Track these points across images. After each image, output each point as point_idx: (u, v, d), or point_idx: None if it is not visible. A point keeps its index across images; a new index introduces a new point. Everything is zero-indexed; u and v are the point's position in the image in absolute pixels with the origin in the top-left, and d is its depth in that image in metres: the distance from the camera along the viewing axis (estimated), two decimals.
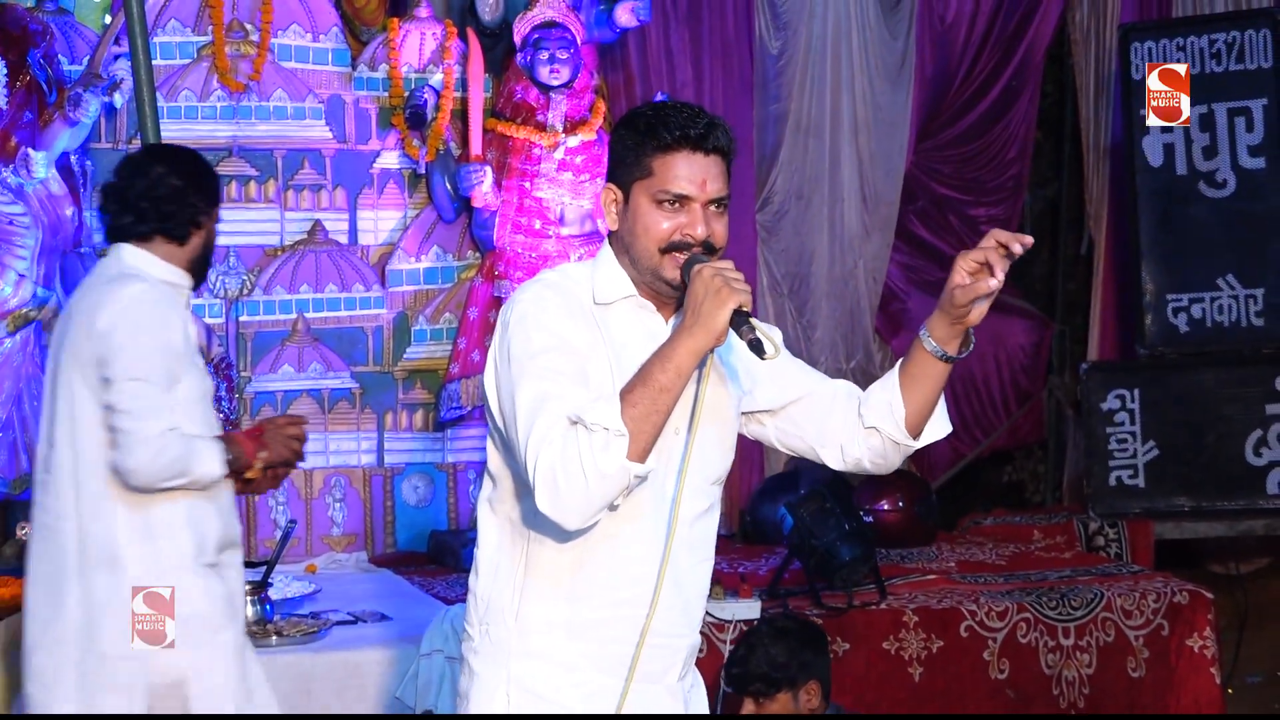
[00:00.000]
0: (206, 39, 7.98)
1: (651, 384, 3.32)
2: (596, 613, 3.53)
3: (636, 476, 3.31)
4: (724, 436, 3.70)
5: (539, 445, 3.31)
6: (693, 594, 3.68)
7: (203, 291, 7.78)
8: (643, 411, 3.30)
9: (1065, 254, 10.52)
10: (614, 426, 3.27)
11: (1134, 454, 8.77)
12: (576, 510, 3.31)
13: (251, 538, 7.86)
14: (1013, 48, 9.98)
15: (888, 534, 8.16)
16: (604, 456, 3.26)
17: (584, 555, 3.51)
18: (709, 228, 3.51)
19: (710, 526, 3.73)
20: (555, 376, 3.38)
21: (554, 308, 3.51)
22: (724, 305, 3.34)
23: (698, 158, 3.50)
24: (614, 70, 9.07)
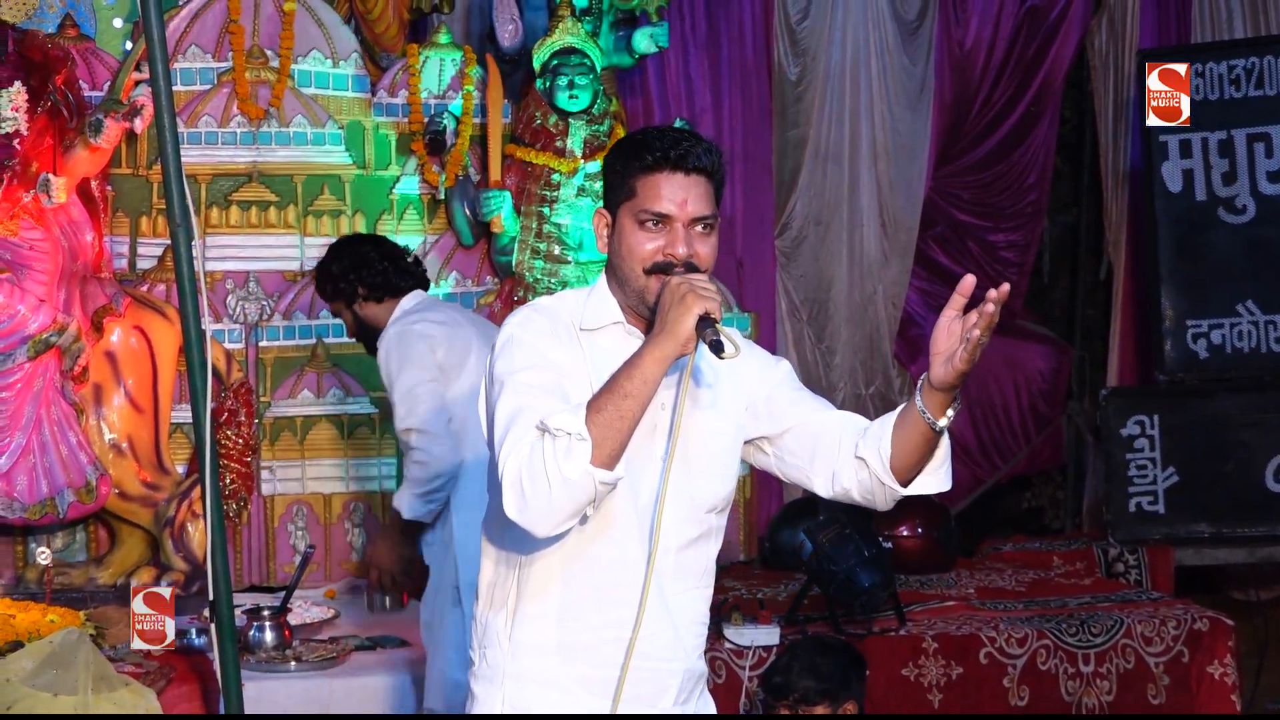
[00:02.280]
0: (227, 65, 7.99)
1: (616, 390, 3.35)
2: (585, 635, 3.58)
3: (603, 483, 3.33)
4: (716, 465, 3.71)
5: (508, 454, 3.37)
6: (684, 620, 3.69)
7: (222, 317, 7.80)
8: (607, 417, 3.32)
9: (1084, 279, 10.50)
10: (576, 431, 3.29)
11: (1154, 480, 8.74)
12: (542, 516, 3.34)
13: (270, 563, 7.86)
14: (1032, 73, 9.98)
15: (907, 560, 8.13)
16: (567, 462, 3.29)
17: (572, 578, 3.58)
18: (691, 247, 3.56)
19: (703, 554, 3.73)
20: (531, 391, 3.45)
21: (537, 329, 3.59)
22: (689, 312, 3.38)
23: (678, 177, 3.55)
24: (633, 96, 9.08)
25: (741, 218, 9.43)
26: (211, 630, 5.34)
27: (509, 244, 8.09)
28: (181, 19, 8.01)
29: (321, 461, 7.93)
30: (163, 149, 4.98)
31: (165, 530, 7.34)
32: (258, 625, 6.28)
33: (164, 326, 7.39)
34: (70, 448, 7.19)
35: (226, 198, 7.96)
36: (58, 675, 5.23)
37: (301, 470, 7.91)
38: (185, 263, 5.13)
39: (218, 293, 7.86)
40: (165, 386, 7.45)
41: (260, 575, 7.86)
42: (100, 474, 7.24)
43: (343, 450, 7.96)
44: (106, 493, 7.28)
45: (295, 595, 6.67)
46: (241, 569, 7.80)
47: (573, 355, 3.58)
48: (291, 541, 7.89)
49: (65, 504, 7.18)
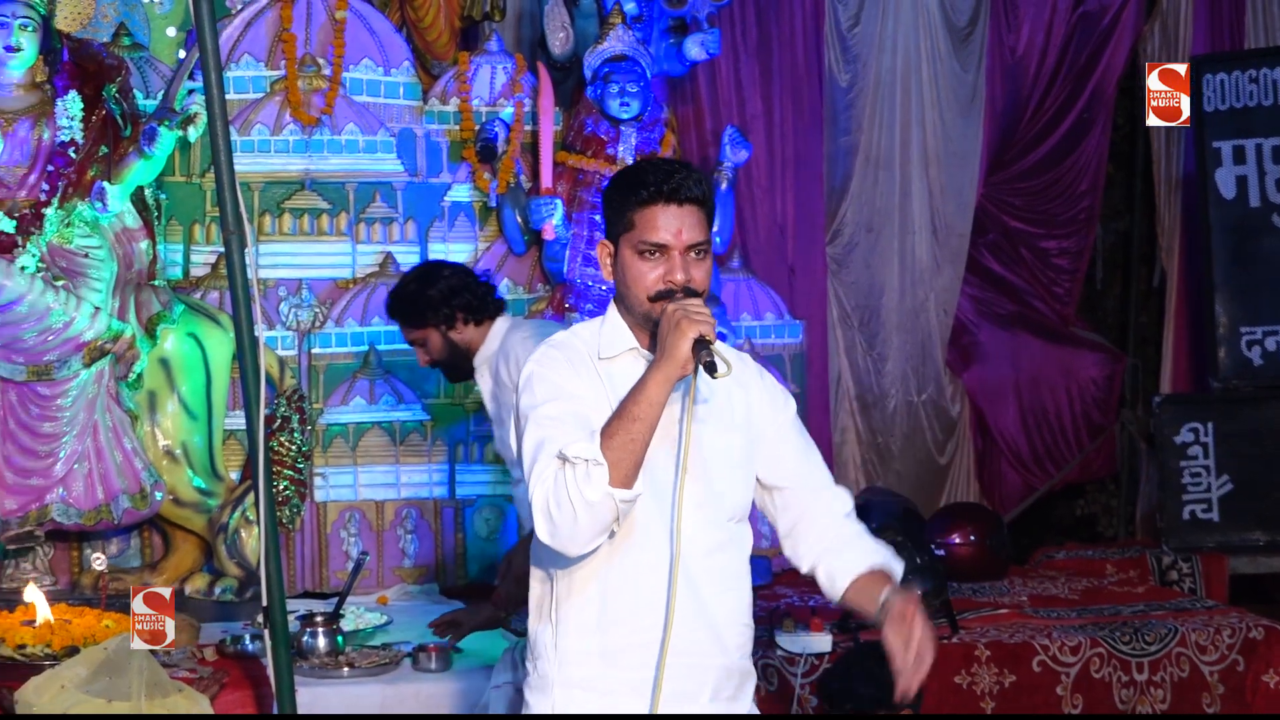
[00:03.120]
0: (279, 73, 8.01)
1: (625, 415, 3.67)
2: (625, 639, 3.83)
3: (623, 501, 3.64)
4: (737, 476, 3.98)
5: (535, 484, 3.69)
6: (721, 620, 3.92)
7: (275, 324, 7.82)
8: (619, 441, 3.64)
9: (1137, 287, 10.46)
10: (593, 457, 3.61)
11: (1208, 488, 8.70)
12: (570, 538, 3.67)
13: (323, 569, 7.87)
14: (1084, 80, 9.94)
15: (960, 568, 8.10)
16: (587, 486, 3.61)
17: (609, 588, 3.84)
18: (688, 273, 3.83)
19: (733, 560, 3.97)
20: (552, 423, 3.75)
21: (557, 363, 3.89)
22: (684, 336, 3.67)
23: (672, 209, 3.82)
24: (684, 103, 9.08)
25: (792, 225, 9.42)
26: (265, 636, 5.36)
27: (560, 251, 8.09)
28: (234, 27, 8.03)
29: (374, 468, 7.95)
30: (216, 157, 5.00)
31: (219, 536, 7.37)
32: (311, 631, 6.30)
33: (218, 333, 7.42)
34: (125, 454, 7.22)
35: (279, 205, 7.98)
36: (112, 681, 5.25)
37: (354, 477, 7.93)
38: (238, 270, 5.15)
39: (270, 300, 7.88)
40: (219, 393, 7.47)
41: (313, 582, 7.88)
42: (155, 480, 7.27)
43: (395, 457, 7.97)
44: (161, 499, 7.31)
45: (348, 601, 6.68)
46: (294, 575, 7.81)
47: (592, 384, 3.86)
48: (344, 548, 7.90)
49: (120, 510, 7.22)
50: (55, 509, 7.16)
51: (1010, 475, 9.94)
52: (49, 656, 5.82)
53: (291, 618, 5.90)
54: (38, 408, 7.15)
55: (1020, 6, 9.92)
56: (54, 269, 7.13)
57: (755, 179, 9.25)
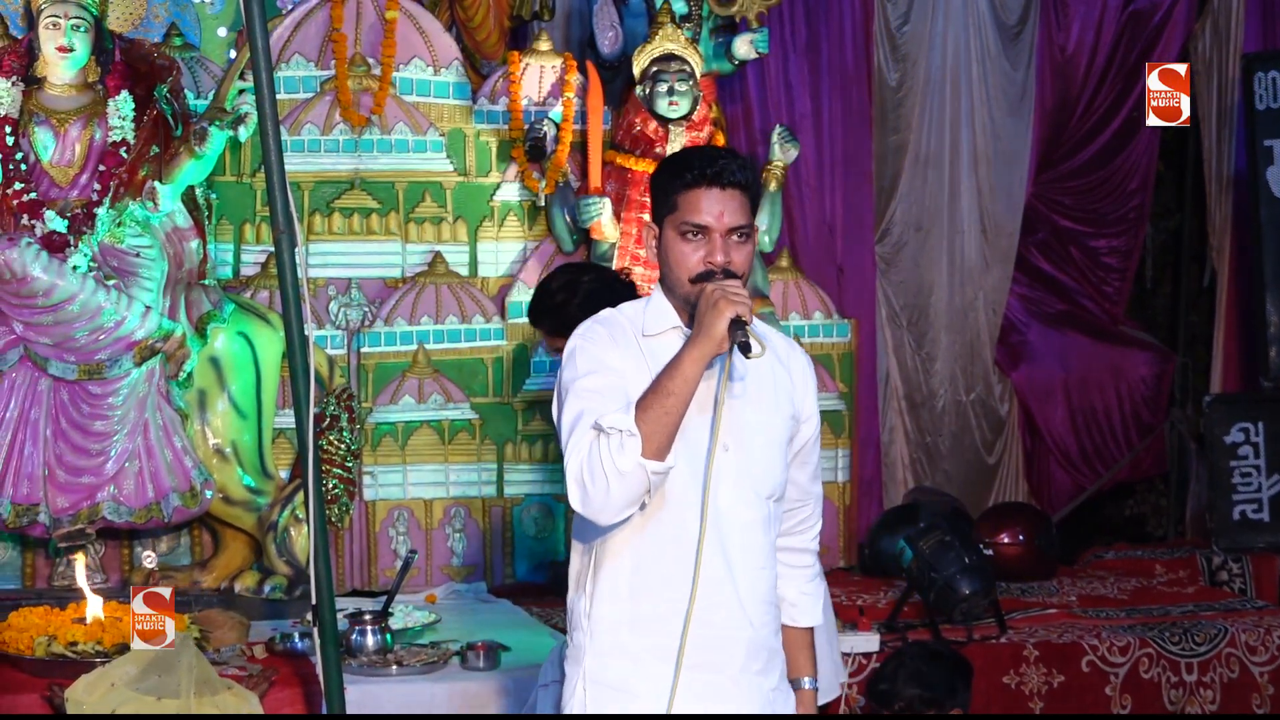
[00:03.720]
0: (329, 73, 8.03)
1: (660, 389, 3.75)
2: (656, 608, 3.90)
3: (655, 473, 3.72)
4: (773, 453, 4.04)
5: (571, 453, 3.80)
6: (749, 593, 3.98)
7: (325, 323, 7.84)
8: (654, 414, 3.72)
9: (1187, 286, 10.40)
10: (627, 428, 3.70)
11: (1258, 487, 8.66)
12: (602, 506, 3.76)
13: (372, 567, 7.89)
14: (1134, 78, 9.88)
15: (1008, 567, 8.08)
16: (620, 456, 3.70)
17: (641, 557, 3.91)
18: (728, 255, 3.90)
19: (765, 537, 4.03)
20: (592, 396, 3.84)
21: (600, 338, 3.98)
22: (721, 315, 3.76)
23: (714, 192, 3.90)
24: (733, 102, 9.06)
25: (841, 223, 9.40)
26: (314, 634, 5.37)
27: (609, 250, 8.09)
28: (285, 27, 8.05)
29: (422, 467, 7.96)
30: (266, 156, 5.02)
31: (268, 535, 7.39)
32: (359, 629, 6.31)
33: (267, 332, 7.43)
34: (175, 452, 7.25)
35: (329, 204, 8.00)
36: (161, 679, 5.27)
37: (403, 475, 7.94)
38: (288, 269, 5.17)
39: (320, 299, 7.90)
40: (269, 392, 7.50)
41: (362, 580, 7.90)
42: (205, 479, 7.30)
43: (443, 456, 7.99)
44: (211, 497, 7.34)
45: (396, 600, 6.69)
46: (343, 573, 7.83)
47: (634, 360, 3.93)
48: (393, 546, 7.92)
49: (170, 508, 7.25)
50: (106, 507, 7.19)
51: (1059, 475, 9.90)
52: (100, 654, 5.85)
53: (340, 616, 5.91)
54: (89, 406, 7.18)
55: (1070, 5, 9.88)
56: (105, 268, 7.17)
57: (804, 178, 9.23)
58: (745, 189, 3.92)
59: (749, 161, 4.02)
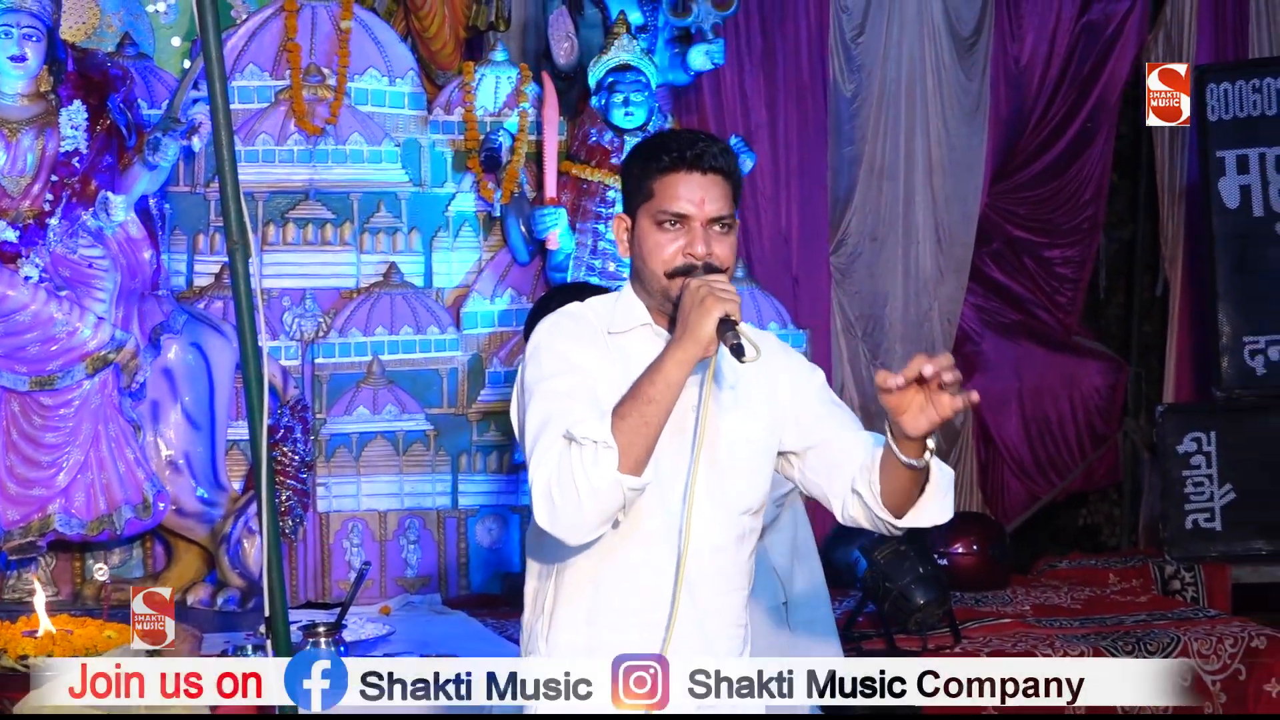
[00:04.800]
0: (284, 83, 8.01)
1: (640, 396, 3.40)
2: (614, 636, 3.58)
3: (632, 489, 3.37)
4: (752, 467, 3.71)
5: (537, 464, 3.43)
6: (715, 622, 3.68)
7: (279, 333, 7.82)
8: (632, 424, 3.37)
9: (1140, 296, 10.44)
10: (602, 439, 3.35)
11: (1210, 497, 8.68)
12: (572, 525, 3.40)
13: (326, 579, 7.87)
14: (1088, 89, 9.93)
15: (962, 577, 8.10)
16: (595, 470, 3.34)
17: (602, 582, 3.60)
18: (709, 247, 3.57)
19: (740, 557, 3.73)
20: (559, 398, 3.49)
21: (566, 334, 3.64)
22: (709, 314, 3.40)
23: (695, 177, 3.57)
24: (688, 113, 9.07)
25: (797, 234, 9.41)
26: (267, 646, 5.35)
27: (564, 261, 8.09)
28: (239, 37, 8.03)
29: (377, 478, 7.94)
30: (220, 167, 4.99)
31: (221, 546, 7.35)
32: (313, 642, 6.28)
33: (221, 343, 7.41)
34: (128, 464, 7.21)
35: (283, 215, 7.98)
36: None
37: (357, 487, 7.92)
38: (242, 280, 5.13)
39: (274, 310, 7.88)
40: (222, 403, 7.47)
41: (316, 591, 7.87)
42: (157, 490, 7.26)
43: (398, 467, 7.97)
44: (164, 509, 7.30)
45: (350, 612, 6.66)
46: (297, 585, 7.81)
47: (601, 358, 3.61)
48: (347, 558, 7.90)
49: (123, 520, 7.21)
50: (58, 519, 7.15)
51: (1013, 484, 9.93)
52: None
53: (294, 628, 5.87)
54: (40, 418, 7.14)
55: (1024, 16, 9.91)
56: (57, 279, 7.12)
57: (760, 188, 9.24)
58: (728, 175, 3.61)
59: (730, 147, 3.68)
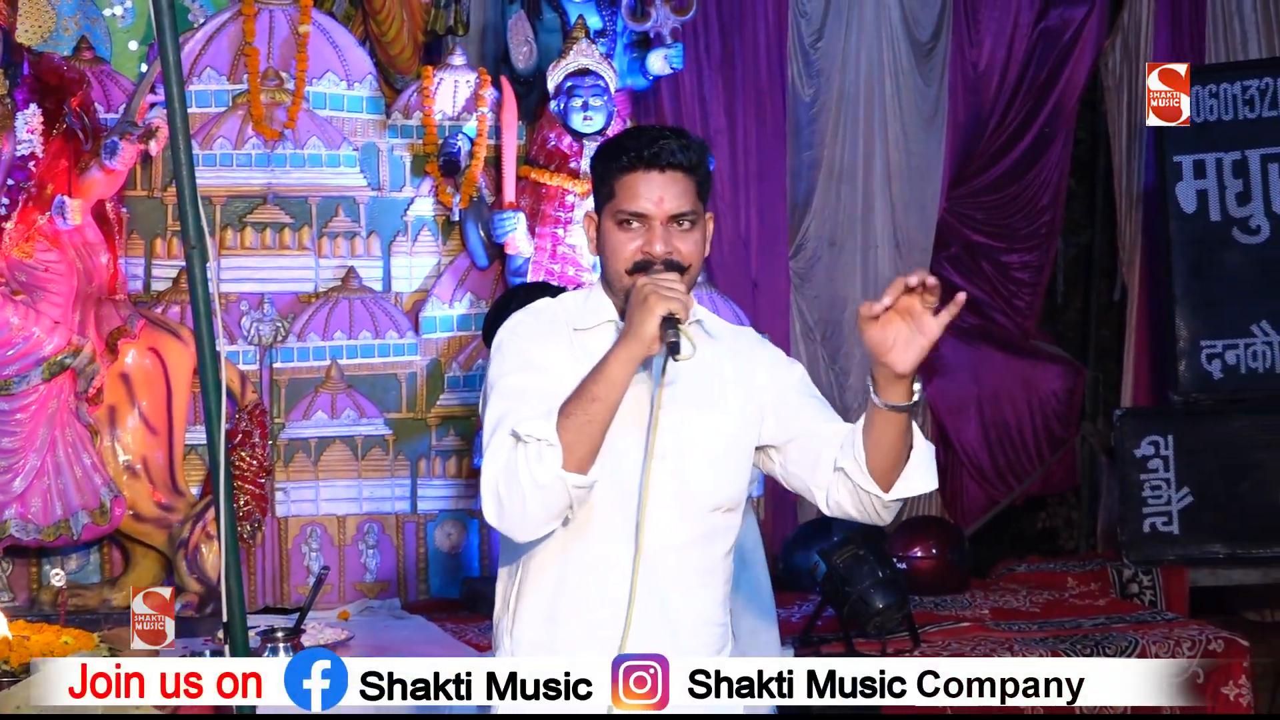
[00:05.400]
0: (242, 87, 7.99)
1: (584, 394, 3.42)
2: (576, 634, 3.60)
3: (576, 487, 3.40)
4: (717, 463, 3.69)
5: (488, 462, 3.50)
6: (684, 620, 3.67)
7: (237, 338, 7.80)
8: (576, 422, 3.40)
9: (1098, 300, 10.49)
10: (546, 437, 3.38)
11: (1168, 501, 8.72)
12: (518, 521, 3.46)
13: (284, 584, 7.85)
14: (1046, 95, 9.97)
15: (921, 581, 8.12)
16: (539, 467, 3.38)
17: (563, 578, 3.61)
18: (669, 244, 3.58)
19: (707, 556, 3.70)
20: (514, 397, 3.54)
21: (528, 332, 3.68)
22: (651, 313, 3.41)
23: (653, 176, 3.58)
24: (647, 117, 9.07)
25: (756, 239, 9.42)
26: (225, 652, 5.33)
27: (523, 265, 8.08)
28: (197, 41, 8.01)
29: (335, 483, 7.93)
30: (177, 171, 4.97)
31: (179, 552, 7.34)
32: (271, 647, 6.26)
33: (178, 348, 7.39)
34: (85, 469, 7.19)
35: (241, 219, 7.96)
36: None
37: (315, 492, 7.91)
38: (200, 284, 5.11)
39: (232, 314, 7.86)
40: (180, 408, 7.45)
41: (274, 597, 7.86)
42: (114, 496, 7.24)
43: (357, 471, 7.96)
44: (121, 514, 7.27)
45: (309, 617, 6.65)
46: (255, 591, 7.79)
47: (566, 355, 3.63)
48: (305, 563, 7.88)
49: (79, 525, 7.18)
50: (13, 525, 7.12)
51: (972, 488, 9.95)
52: (7, 674, 5.78)
53: (252, 633, 5.84)
54: None
55: (982, 22, 9.95)
56: (13, 283, 7.09)
57: (719, 193, 9.25)
58: (690, 170, 3.61)
59: (696, 143, 3.67)
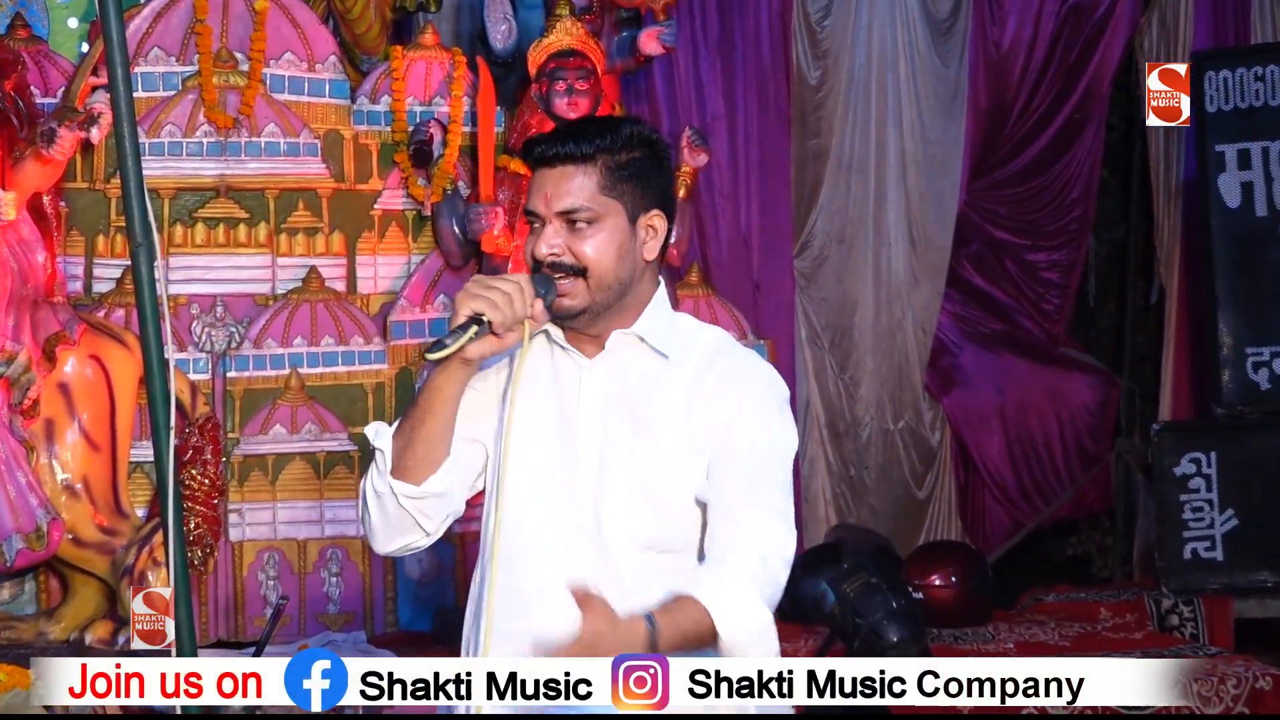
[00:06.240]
0: (192, 69, 7.99)
1: (412, 404, 3.53)
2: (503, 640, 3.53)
3: (406, 497, 3.50)
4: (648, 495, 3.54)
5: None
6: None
7: (187, 345, 7.78)
8: (404, 429, 3.51)
9: (1133, 304, 10.49)
10: (381, 447, 3.52)
11: (1211, 524, 8.71)
12: (370, 532, 3.62)
13: (239, 616, 7.84)
14: (1075, 77, 9.97)
15: (939, 612, 8.10)
16: (376, 477, 3.53)
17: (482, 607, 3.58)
18: (551, 244, 3.51)
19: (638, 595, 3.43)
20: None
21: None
22: (457, 314, 3.42)
23: (545, 173, 3.56)
24: (638, 102, 9.07)
25: (757, 236, 9.43)
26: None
27: (502, 265, 8.08)
28: (143, 18, 8.01)
29: (295, 504, 7.93)
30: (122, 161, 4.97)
31: (123, 580, 7.31)
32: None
33: (123, 355, 7.37)
34: (19, 489, 7.17)
35: (192, 214, 7.96)
36: None
37: (273, 513, 7.90)
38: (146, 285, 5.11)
39: (182, 319, 7.85)
40: (124, 422, 7.43)
41: (228, 629, 7.85)
42: (52, 518, 7.22)
43: (318, 491, 7.95)
44: (59, 538, 7.25)
45: (266, 652, 6.63)
46: (207, 622, 7.78)
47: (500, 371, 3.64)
48: (262, 592, 7.87)
49: (13, 551, 7.16)
50: None
51: (995, 510, 9.95)
52: None
53: None
54: None
55: None
56: None
57: (717, 186, 9.26)
58: (583, 160, 3.51)
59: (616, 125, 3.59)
